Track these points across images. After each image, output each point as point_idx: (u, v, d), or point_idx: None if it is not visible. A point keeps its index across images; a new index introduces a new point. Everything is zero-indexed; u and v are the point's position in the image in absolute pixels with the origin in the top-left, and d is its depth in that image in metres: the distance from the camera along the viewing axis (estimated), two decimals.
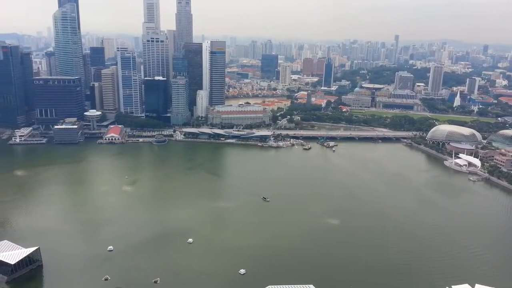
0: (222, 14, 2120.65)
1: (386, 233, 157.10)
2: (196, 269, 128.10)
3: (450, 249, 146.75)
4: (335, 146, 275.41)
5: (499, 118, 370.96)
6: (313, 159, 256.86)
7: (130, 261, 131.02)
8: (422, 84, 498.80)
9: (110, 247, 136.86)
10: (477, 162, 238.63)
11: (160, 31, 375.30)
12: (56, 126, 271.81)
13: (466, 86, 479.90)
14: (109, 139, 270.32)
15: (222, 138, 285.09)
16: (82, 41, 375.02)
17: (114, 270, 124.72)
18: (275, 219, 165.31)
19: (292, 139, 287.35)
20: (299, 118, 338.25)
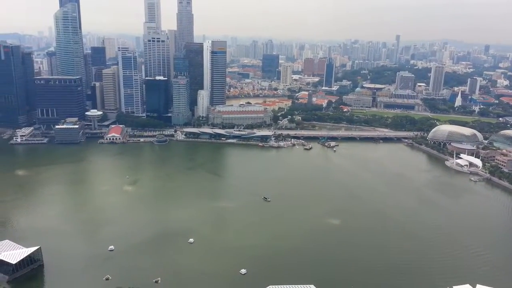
0: (223, 14, 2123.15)
1: (387, 233, 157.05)
2: (197, 269, 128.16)
3: (451, 249, 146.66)
4: (336, 146, 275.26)
5: (500, 118, 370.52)
6: (314, 159, 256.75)
7: (131, 261, 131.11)
8: (423, 84, 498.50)
9: (111, 247, 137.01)
10: (478, 162, 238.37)
11: (161, 31, 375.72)
12: (57, 126, 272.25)
13: (467, 86, 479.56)
14: (110, 139, 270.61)
15: (223, 138, 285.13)
16: (83, 40, 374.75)
17: (115, 270, 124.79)
18: (276, 219, 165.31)
19: (293, 139, 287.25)
20: (300, 118, 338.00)
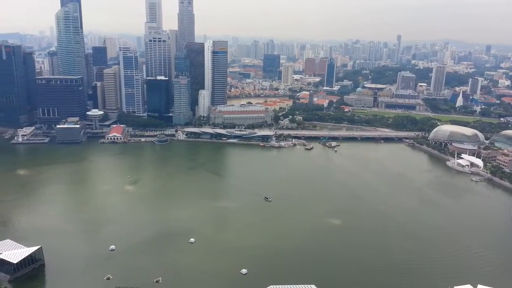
0: (224, 14, 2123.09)
1: (388, 233, 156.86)
2: (197, 268, 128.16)
3: (452, 249, 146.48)
4: (337, 146, 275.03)
5: (502, 119, 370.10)
6: (315, 159, 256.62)
7: (132, 260, 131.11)
8: (425, 84, 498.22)
9: (112, 247, 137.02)
10: (479, 162, 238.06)
11: (162, 31, 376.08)
12: (58, 126, 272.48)
13: (468, 86, 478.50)
14: (111, 139, 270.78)
15: (224, 138, 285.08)
16: (84, 40, 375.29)
17: (116, 270, 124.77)
18: (277, 219, 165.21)
19: (294, 139, 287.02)
20: (301, 118, 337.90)
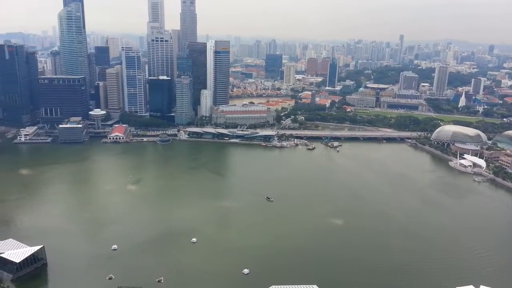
0: (226, 14, 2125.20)
1: (390, 233, 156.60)
2: (199, 268, 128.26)
3: (455, 250, 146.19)
4: (339, 146, 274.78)
5: (505, 119, 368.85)
6: (317, 159, 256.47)
7: (134, 260, 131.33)
8: (427, 84, 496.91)
9: (114, 246, 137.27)
10: (482, 163, 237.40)
11: (164, 31, 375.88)
12: (61, 125, 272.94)
13: (471, 86, 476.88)
14: (113, 138, 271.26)
15: (226, 138, 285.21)
16: (87, 40, 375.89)
17: (118, 269, 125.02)
18: (279, 219, 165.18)
19: (296, 139, 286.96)
20: (303, 118, 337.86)
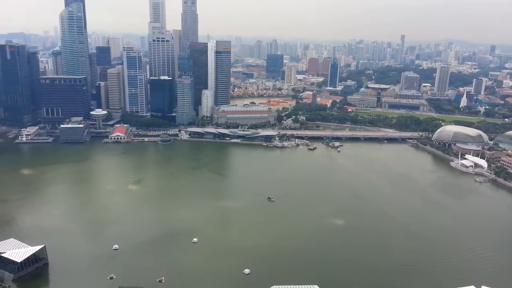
0: (227, 14, 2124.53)
1: (391, 234, 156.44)
2: (200, 268, 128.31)
3: (456, 250, 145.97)
4: (340, 147, 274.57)
5: (506, 119, 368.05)
6: (318, 159, 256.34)
7: (135, 260, 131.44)
8: (428, 84, 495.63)
9: (115, 246, 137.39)
10: (483, 163, 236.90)
11: (165, 31, 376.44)
12: (62, 125, 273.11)
13: (472, 86, 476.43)
14: (114, 138, 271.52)
15: (227, 138, 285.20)
16: (88, 40, 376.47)
17: (119, 269, 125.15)
18: (280, 219, 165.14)
19: (297, 139, 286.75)
20: (304, 118, 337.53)
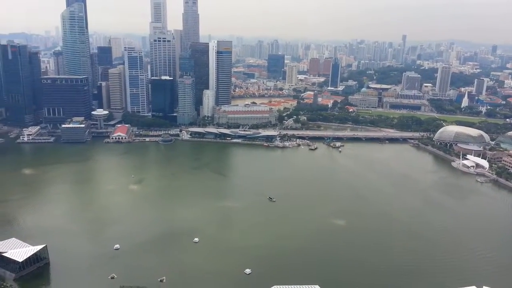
0: (228, 14, 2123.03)
1: (393, 234, 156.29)
2: (201, 268, 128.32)
3: (458, 250, 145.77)
4: (342, 147, 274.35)
5: (508, 119, 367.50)
6: (319, 160, 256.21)
7: (136, 259, 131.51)
8: (430, 84, 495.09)
9: (117, 246, 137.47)
10: (485, 163, 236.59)
11: (167, 31, 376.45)
12: (63, 125, 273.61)
13: (474, 86, 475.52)
14: (116, 138, 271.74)
15: (228, 138, 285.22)
16: (89, 40, 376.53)
17: (120, 269, 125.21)
18: (281, 219, 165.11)
19: (298, 139, 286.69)
20: (305, 118, 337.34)
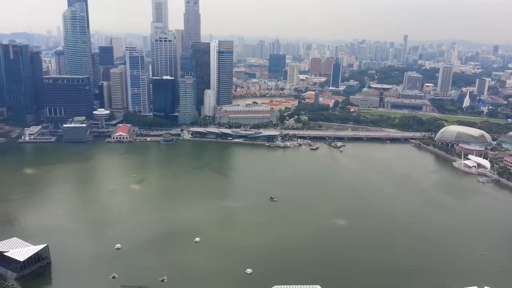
0: (228, 14, 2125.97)
1: (394, 234, 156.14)
2: (203, 268, 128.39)
3: (459, 250, 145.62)
4: (343, 147, 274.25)
5: (509, 119, 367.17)
6: (320, 159, 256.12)
7: (138, 259, 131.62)
8: (431, 84, 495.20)
9: (118, 245, 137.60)
10: (486, 163, 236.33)
11: (168, 31, 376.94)
12: (65, 125, 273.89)
13: (475, 86, 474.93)
14: (117, 138, 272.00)
15: (229, 138, 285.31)
16: (91, 40, 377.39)
17: (121, 268, 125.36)
18: (282, 219, 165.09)
19: (299, 139, 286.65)
20: (307, 118, 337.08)
